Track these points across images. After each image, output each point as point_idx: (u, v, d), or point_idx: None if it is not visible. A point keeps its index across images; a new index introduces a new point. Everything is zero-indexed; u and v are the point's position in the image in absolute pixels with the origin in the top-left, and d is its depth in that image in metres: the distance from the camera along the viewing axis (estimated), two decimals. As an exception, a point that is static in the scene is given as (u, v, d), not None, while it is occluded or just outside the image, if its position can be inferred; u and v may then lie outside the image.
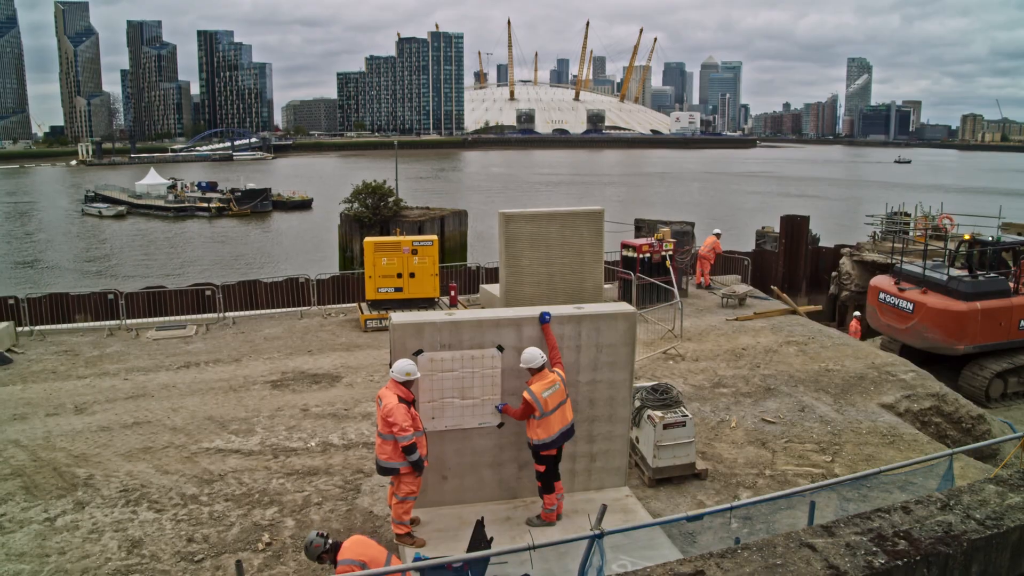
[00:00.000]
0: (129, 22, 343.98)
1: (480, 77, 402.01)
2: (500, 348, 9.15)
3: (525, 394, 8.59)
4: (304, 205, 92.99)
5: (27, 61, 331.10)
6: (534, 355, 8.73)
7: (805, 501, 8.01)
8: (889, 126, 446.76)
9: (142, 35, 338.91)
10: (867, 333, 23.06)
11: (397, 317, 9.16)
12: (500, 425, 9.33)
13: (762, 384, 15.18)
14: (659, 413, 10.81)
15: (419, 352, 8.89)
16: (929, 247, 22.28)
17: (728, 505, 7.35)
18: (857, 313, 24.14)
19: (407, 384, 8.28)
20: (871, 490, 9.50)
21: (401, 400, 8.09)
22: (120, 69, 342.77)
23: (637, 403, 11.12)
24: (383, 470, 8.34)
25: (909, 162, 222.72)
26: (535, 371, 8.72)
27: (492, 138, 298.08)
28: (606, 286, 20.24)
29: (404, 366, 8.30)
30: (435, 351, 8.99)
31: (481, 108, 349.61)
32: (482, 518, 8.05)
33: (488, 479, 9.57)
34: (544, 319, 9.16)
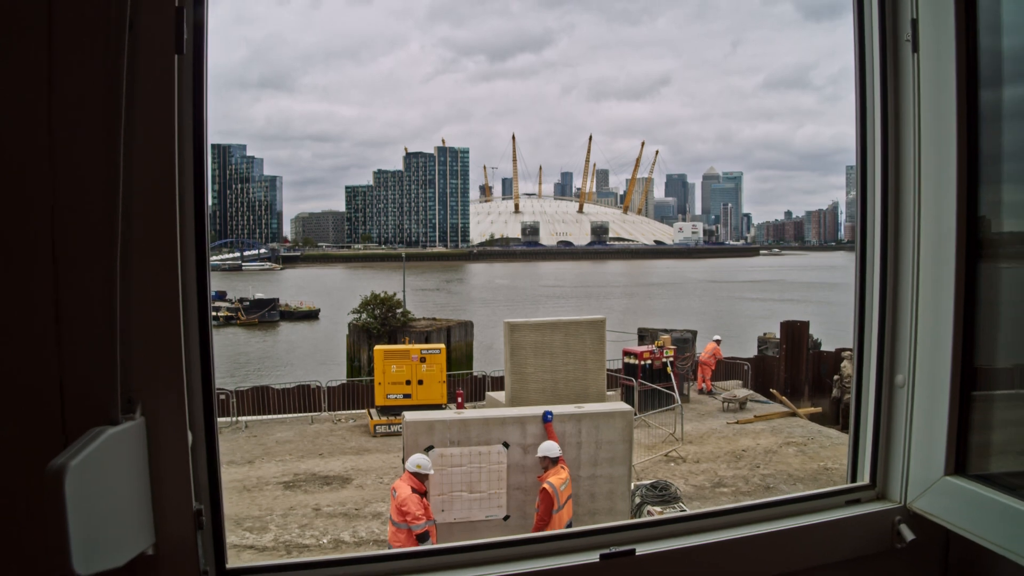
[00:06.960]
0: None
1: (485, 191, 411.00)
2: (506, 445, 9.76)
3: (546, 486, 9.01)
4: (311, 315, 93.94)
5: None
6: (554, 446, 9.31)
7: None
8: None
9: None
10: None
11: (410, 415, 9.83)
12: (506, 518, 9.83)
13: (762, 483, 15.59)
14: (658, 508, 11.27)
15: (430, 448, 9.50)
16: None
17: None
18: None
19: (420, 477, 8.87)
20: None
21: (414, 491, 8.68)
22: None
23: (637, 499, 11.60)
24: (396, 559, 8.81)
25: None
26: (550, 465, 9.24)
27: (497, 250, 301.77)
28: (609, 392, 20.78)
29: (418, 459, 8.92)
30: (445, 447, 9.60)
31: (486, 221, 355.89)
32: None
33: (495, 571, 9.97)
34: (547, 418, 9.80)
